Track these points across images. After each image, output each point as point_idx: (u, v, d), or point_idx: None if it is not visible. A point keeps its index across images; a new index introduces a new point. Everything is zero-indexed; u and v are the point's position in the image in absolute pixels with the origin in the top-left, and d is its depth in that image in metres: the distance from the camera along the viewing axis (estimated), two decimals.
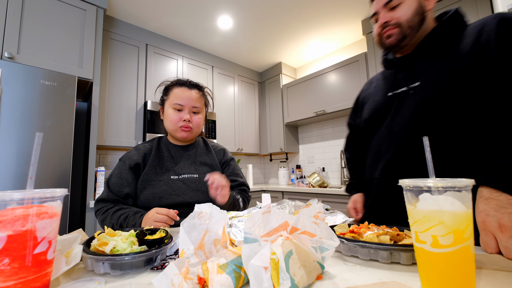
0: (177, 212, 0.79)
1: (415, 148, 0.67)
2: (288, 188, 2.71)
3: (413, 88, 0.71)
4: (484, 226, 0.48)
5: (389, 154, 0.74)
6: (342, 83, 2.60)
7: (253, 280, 0.32)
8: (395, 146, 0.73)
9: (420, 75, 0.71)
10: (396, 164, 0.72)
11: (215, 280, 0.33)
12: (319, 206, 0.45)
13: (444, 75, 0.65)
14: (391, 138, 0.75)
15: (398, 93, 0.76)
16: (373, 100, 0.85)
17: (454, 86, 0.63)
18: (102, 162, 2.33)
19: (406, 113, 0.72)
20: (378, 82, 0.88)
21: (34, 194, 0.34)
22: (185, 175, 0.98)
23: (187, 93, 1.00)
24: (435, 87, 0.67)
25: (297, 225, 0.42)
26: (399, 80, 0.77)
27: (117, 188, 0.90)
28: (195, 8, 2.24)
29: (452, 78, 0.64)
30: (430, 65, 0.70)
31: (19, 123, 1.44)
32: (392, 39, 0.73)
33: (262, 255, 0.35)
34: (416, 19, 0.70)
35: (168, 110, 0.99)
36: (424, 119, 0.67)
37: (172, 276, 0.31)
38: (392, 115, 0.76)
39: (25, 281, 0.32)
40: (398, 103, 0.75)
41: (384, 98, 0.80)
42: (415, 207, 0.33)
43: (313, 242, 0.41)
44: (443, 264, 0.31)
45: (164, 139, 1.07)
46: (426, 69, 0.70)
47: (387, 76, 0.84)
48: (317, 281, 0.38)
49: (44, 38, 1.68)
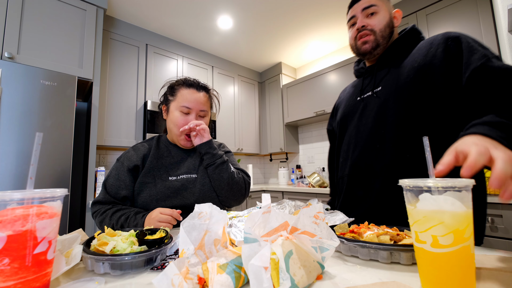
0: (180, 211, 0.78)
1: (377, 145, 0.76)
2: (288, 188, 2.71)
3: (376, 93, 0.81)
4: (466, 145, 0.42)
5: (356, 152, 0.82)
6: (342, 83, 2.60)
7: (253, 280, 0.32)
8: (361, 144, 0.81)
9: (381, 81, 0.81)
10: (363, 161, 0.79)
11: (215, 280, 0.33)
12: (319, 206, 0.45)
13: (396, 81, 0.76)
14: (358, 137, 0.82)
15: (365, 97, 0.85)
16: (345, 105, 0.95)
17: (404, 91, 0.73)
18: (102, 162, 2.33)
19: (370, 114, 0.80)
20: (350, 89, 0.99)
21: (34, 194, 0.34)
22: (184, 175, 0.95)
23: (196, 95, 0.96)
24: (391, 92, 0.76)
25: (297, 225, 0.42)
26: (366, 86, 0.87)
27: (115, 190, 0.89)
28: (195, 8, 2.24)
29: (401, 84, 0.74)
30: (387, 73, 0.80)
31: (19, 123, 1.44)
32: (367, 46, 0.82)
33: (262, 255, 0.35)
34: (387, 31, 0.81)
35: (174, 112, 0.95)
36: (384, 120, 0.76)
37: (172, 276, 0.31)
38: (359, 117, 0.84)
39: (25, 281, 0.32)
40: (364, 105, 0.84)
41: (353, 102, 0.90)
42: (415, 207, 0.33)
43: (313, 242, 0.41)
44: (443, 264, 0.31)
45: (164, 139, 1.04)
46: (385, 76, 0.81)
47: (357, 84, 0.94)
48: (317, 281, 0.38)
49: (44, 38, 1.68)
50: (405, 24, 2.13)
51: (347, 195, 0.85)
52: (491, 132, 0.46)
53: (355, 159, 0.82)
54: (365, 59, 0.89)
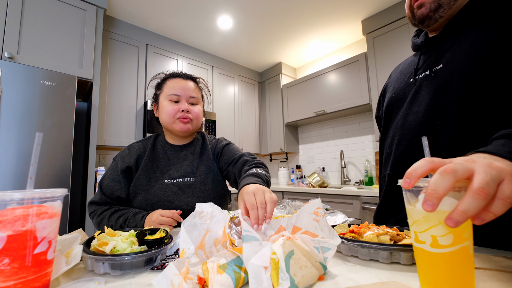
0: (181, 212, 0.77)
1: (428, 140, 0.62)
2: (288, 188, 2.71)
3: (436, 72, 0.61)
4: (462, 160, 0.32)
5: (401, 147, 0.66)
6: (342, 83, 2.60)
7: (253, 279, 0.33)
8: (408, 138, 0.64)
9: (443, 55, 0.61)
10: (408, 159, 0.63)
11: (215, 280, 0.33)
12: (318, 202, 0.44)
13: (465, 54, 0.55)
14: (404, 129, 0.66)
15: (420, 77, 0.65)
16: (394, 87, 0.76)
17: (474, 68, 0.52)
18: (102, 162, 2.33)
19: (423, 101, 0.62)
20: (403, 67, 0.78)
21: (34, 194, 0.34)
22: (181, 179, 0.91)
23: (183, 83, 0.93)
24: (455, 70, 0.56)
25: (297, 223, 0.42)
26: (423, 63, 0.66)
27: (110, 190, 0.87)
28: (195, 8, 2.24)
29: (473, 58, 0.53)
30: (458, 41, 0.58)
31: (19, 123, 1.44)
32: (423, 9, 0.62)
33: (262, 254, 0.35)
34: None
35: (164, 102, 0.91)
36: (441, 107, 0.57)
37: (172, 277, 0.32)
38: (409, 103, 0.66)
39: (25, 281, 0.32)
40: (417, 89, 0.65)
41: (405, 84, 0.71)
42: (414, 207, 0.33)
43: (315, 242, 0.41)
44: (442, 264, 0.31)
45: (161, 138, 0.99)
46: (451, 47, 0.59)
47: (412, 60, 0.74)
48: (318, 281, 0.38)
49: (44, 38, 1.68)
50: None
51: (386, 197, 0.72)
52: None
53: (398, 157, 0.67)
54: (428, 30, 0.67)
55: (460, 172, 0.29)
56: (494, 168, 0.30)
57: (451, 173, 0.29)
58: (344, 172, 2.77)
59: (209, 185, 0.94)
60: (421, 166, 0.31)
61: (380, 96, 0.88)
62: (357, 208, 2.06)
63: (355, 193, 2.09)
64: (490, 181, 0.28)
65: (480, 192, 0.27)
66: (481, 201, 0.27)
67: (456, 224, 0.27)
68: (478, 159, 0.32)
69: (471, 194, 0.28)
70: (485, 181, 0.28)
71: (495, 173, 0.29)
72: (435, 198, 0.28)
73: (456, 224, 0.27)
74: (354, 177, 2.76)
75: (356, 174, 2.75)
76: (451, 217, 0.28)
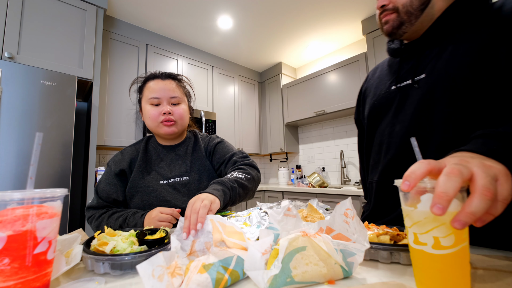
0: (180, 210, 0.78)
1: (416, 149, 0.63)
2: (288, 188, 2.71)
3: (418, 82, 0.63)
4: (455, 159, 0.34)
5: (389, 155, 0.68)
6: (342, 83, 2.60)
7: (249, 259, 0.36)
8: (395, 146, 0.66)
9: (426, 65, 0.62)
10: (396, 166, 0.65)
11: (192, 279, 0.33)
12: (347, 202, 0.41)
13: (453, 63, 0.55)
14: (392, 137, 0.68)
15: (402, 86, 0.67)
16: (375, 94, 0.76)
17: (458, 79, 0.54)
18: (102, 162, 2.33)
19: (408, 110, 0.63)
20: (382, 71, 0.79)
21: (34, 194, 0.34)
22: (175, 178, 0.91)
23: (161, 84, 0.91)
24: (440, 79, 0.57)
25: (331, 224, 0.42)
26: (404, 72, 0.68)
27: (106, 194, 0.88)
28: (195, 8, 2.24)
29: (455, 68, 0.55)
30: (439, 53, 0.59)
31: (19, 123, 1.44)
32: (388, 26, 0.66)
33: (263, 242, 0.37)
34: (416, 3, 0.61)
35: (146, 107, 0.90)
36: (427, 117, 0.59)
37: (155, 267, 0.31)
38: (395, 112, 0.68)
39: (25, 281, 0.32)
40: (400, 98, 0.67)
41: (387, 92, 0.72)
42: (415, 208, 0.33)
43: (335, 244, 0.39)
44: (443, 266, 0.30)
45: (153, 140, 1.00)
46: (433, 58, 0.61)
47: (392, 65, 0.74)
48: (328, 284, 0.36)
49: (44, 38, 1.68)
50: None
51: (376, 203, 0.73)
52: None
53: (387, 164, 0.68)
54: (392, 39, 0.71)
55: (465, 173, 0.29)
56: (488, 167, 0.30)
57: (458, 174, 0.28)
58: (344, 172, 2.77)
59: (204, 183, 0.94)
60: (419, 168, 0.31)
61: (359, 99, 0.88)
62: (357, 208, 2.06)
63: (355, 193, 2.09)
64: (492, 181, 0.28)
65: (487, 192, 0.28)
66: (488, 201, 0.27)
67: (464, 226, 0.27)
68: (469, 159, 0.32)
69: (478, 195, 0.28)
70: (488, 180, 0.28)
71: (492, 173, 0.29)
72: (446, 200, 0.27)
73: (463, 226, 0.27)
74: (354, 177, 2.76)
75: (356, 174, 2.75)
76: (459, 219, 0.28)
